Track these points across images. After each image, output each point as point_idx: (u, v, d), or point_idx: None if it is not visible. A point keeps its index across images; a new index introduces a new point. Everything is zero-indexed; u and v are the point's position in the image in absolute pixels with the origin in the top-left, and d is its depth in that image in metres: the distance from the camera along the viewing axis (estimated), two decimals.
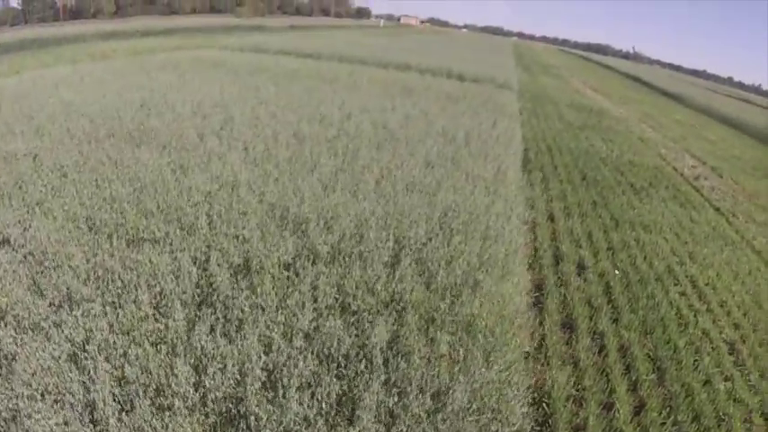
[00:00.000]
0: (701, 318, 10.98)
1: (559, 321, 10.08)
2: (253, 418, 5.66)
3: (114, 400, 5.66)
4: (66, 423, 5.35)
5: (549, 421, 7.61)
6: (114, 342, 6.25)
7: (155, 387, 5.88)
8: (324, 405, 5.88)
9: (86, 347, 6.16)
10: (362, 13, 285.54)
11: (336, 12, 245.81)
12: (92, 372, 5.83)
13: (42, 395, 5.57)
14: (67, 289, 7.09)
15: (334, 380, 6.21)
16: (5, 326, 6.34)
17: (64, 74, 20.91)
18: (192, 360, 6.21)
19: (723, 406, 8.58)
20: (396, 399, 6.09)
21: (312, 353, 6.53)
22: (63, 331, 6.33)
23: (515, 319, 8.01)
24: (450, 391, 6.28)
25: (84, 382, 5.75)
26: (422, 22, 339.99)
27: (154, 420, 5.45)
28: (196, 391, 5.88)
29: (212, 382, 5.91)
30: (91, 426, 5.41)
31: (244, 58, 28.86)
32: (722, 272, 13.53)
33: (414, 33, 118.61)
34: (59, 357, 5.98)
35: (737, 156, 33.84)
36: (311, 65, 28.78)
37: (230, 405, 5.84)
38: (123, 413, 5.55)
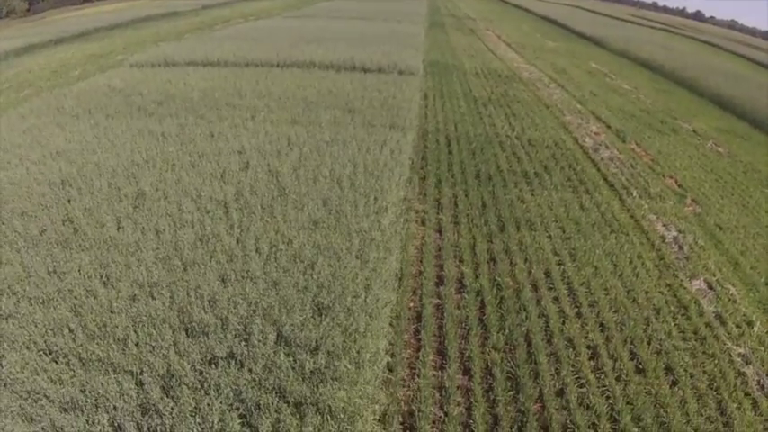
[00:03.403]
0: (568, 325, 12.92)
1: (435, 349, 11.94)
2: None
3: None
4: None
5: None
6: None
7: None
8: None
9: None
10: None
11: None
12: None
13: None
14: (50, 419, 9.00)
15: None
16: None
17: None
18: None
19: (573, 414, 10.51)
20: None
21: None
22: None
23: (369, 405, 9.99)
24: None
25: None
26: None
27: None
28: None
29: None
30: None
31: (154, 81, 30.22)
32: (601, 267, 15.48)
33: None
34: None
35: (647, 108, 36.33)
36: (217, 79, 30.25)
37: None
38: None
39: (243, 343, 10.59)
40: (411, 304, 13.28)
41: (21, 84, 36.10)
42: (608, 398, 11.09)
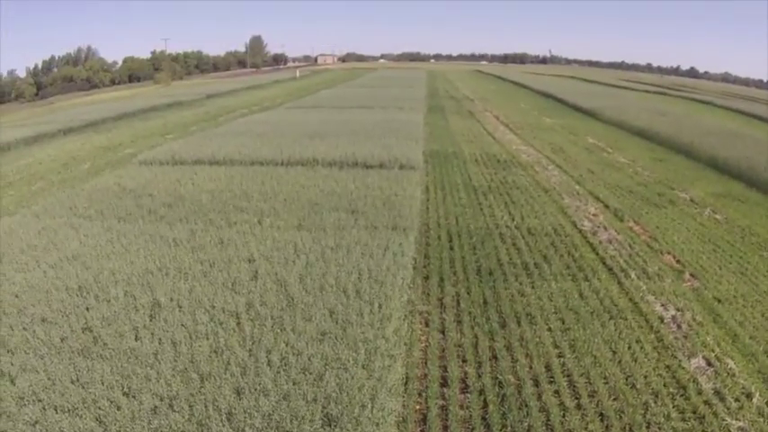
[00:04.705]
0: (568, 417, 13.80)
1: None
2: None
3: None
4: None
5: None
6: None
7: None
8: None
9: None
10: (279, 59, 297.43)
11: (253, 63, 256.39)
12: None
13: None
14: None
15: None
16: None
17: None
18: None
19: None
20: None
21: None
22: None
23: None
24: None
25: None
26: (339, 59, 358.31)
27: None
28: None
29: None
30: None
31: (163, 180, 32.34)
32: (600, 355, 16.32)
33: (326, 85, 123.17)
34: None
35: (644, 181, 37.57)
36: (224, 179, 32.34)
37: None
38: None
39: None
40: (417, 407, 14.24)
41: (32, 176, 38.56)
42: None
